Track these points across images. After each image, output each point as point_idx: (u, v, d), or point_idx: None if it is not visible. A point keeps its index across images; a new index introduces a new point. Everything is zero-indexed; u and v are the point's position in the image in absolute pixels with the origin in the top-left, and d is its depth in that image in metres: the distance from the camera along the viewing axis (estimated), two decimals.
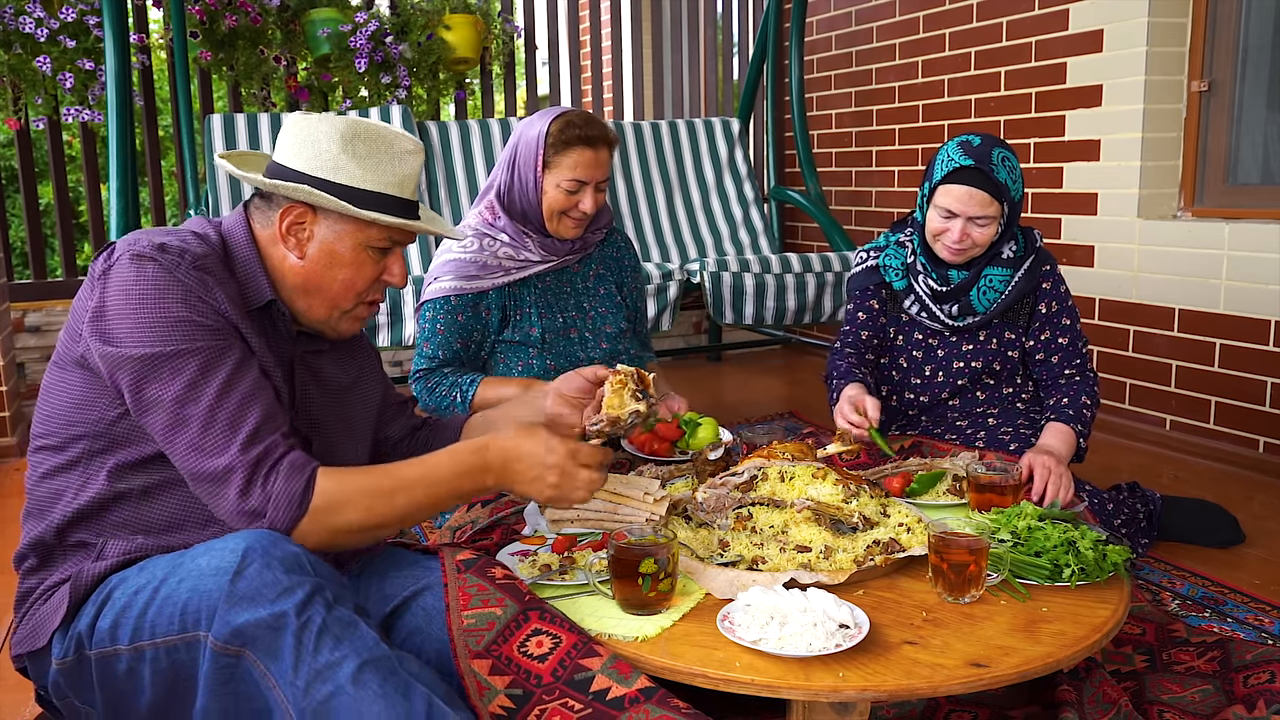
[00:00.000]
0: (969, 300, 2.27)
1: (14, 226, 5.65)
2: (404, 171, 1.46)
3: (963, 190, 2.13)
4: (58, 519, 1.37)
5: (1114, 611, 1.45)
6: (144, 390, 1.29)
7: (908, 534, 1.64)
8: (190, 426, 1.28)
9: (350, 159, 1.41)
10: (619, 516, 1.65)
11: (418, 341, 2.27)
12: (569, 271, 2.36)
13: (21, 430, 3.64)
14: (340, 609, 1.20)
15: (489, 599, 1.37)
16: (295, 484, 1.29)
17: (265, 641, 1.17)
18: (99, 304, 1.30)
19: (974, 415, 2.38)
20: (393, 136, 1.45)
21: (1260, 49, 3.28)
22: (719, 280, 3.42)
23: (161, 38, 4.35)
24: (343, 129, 1.42)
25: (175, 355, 1.28)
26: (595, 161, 2.19)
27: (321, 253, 1.43)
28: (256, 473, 1.28)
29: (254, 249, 1.44)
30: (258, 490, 1.28)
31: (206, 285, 1.34)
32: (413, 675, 1.18)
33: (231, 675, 1.19)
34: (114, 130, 3.24)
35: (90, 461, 1.36)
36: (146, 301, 1.29)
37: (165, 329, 1.29)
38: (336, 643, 1.16)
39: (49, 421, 1.38)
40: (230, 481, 1.28)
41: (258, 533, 1.24)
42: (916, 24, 4.37)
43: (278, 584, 1.18)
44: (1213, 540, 2.51)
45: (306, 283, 1.44)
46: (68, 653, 1.31)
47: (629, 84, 5.54)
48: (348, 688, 1.14)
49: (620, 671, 1.28)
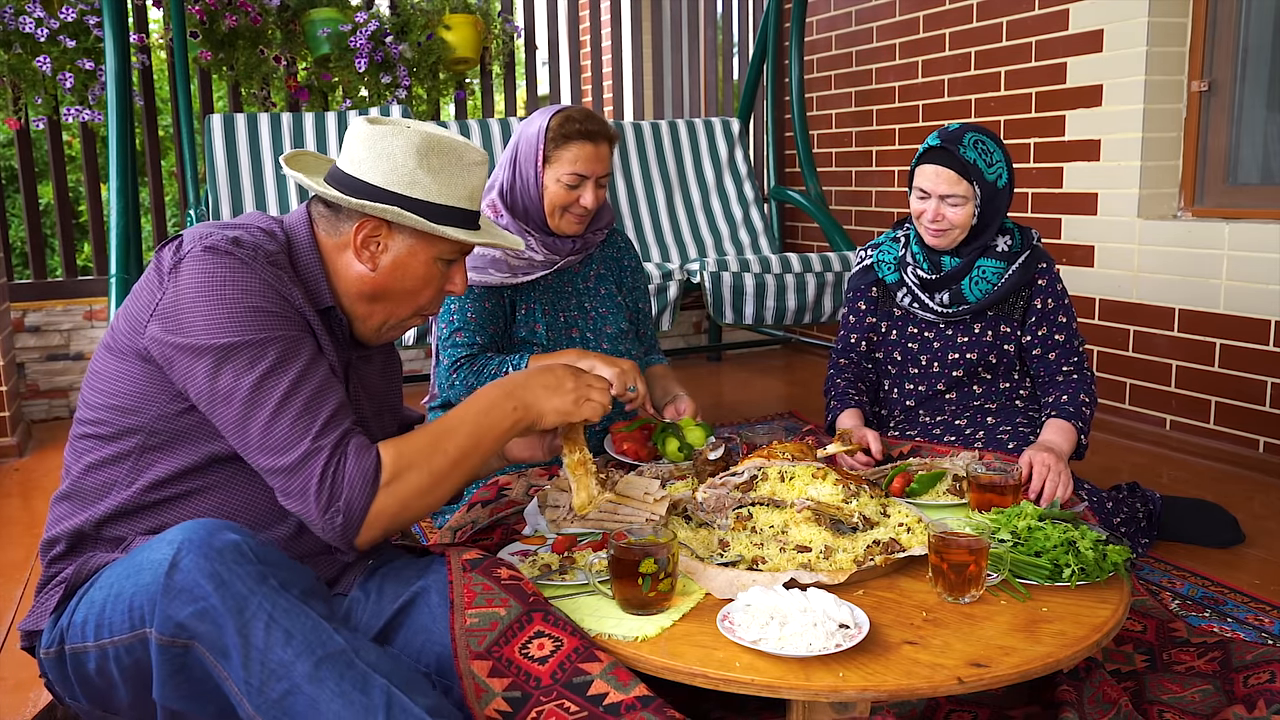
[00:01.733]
0: (960, 290, 2.30)
1: (14, 226, 5.65)
2: (474, 183, 1.49)
3: (931, 169, 2.23)
4: (101, 511, 1.37)
5: (1114, 611, 1.45)
6: (219, 379, 1.29)
7: (908, 534, 1.65)
8: (264, 417, 1.29)
9: (426, 174, 1.43)
10: (619, 516, 1.65)
11: (446, 335, 2.24)
12: (570, 272, 2.37)
13: (22, 430, 3.64)
14: (287, 597, 1.18)
15: (493, 598, 1.37)
16: (366, 462, 1.31)
17: (210, 636, 1.16)
18: (173, 298, 1.30)
19: (971, 410, 2.39)
20: (463, 148, 1.47)
21: (1260, 49, 3.28)
22: (719, 280, 3.42)
23: (161, 38, 4.35)
24: (418, 143, 1.43)
25: (252, 345, 1.29)
26: (595, 156, 2.19)
27: (394, 265, 1.45)
28: (331, 459, 1.30)
29: (317, 254, 1.45)
30: (331, 476, 1.29)
31: (282, 280, 1.35)
32: (370, 665, 1.17)
33: (183, 664, 1.18)
34: (114, 130, 3.24)
35: (142, 457, 1.36)
36: (224, 293, 1.29)
37: (243, 319, 1.29)
38: (288, 637, 1.15)
39: (102, 409, 1.37)
40: (306, 472, 1.29)
41: (195, 524, 1.23)
42: (916, 24, 4.37)
43: (215, 576, 1.17)
44: (1213, 540, 2.51)
45: (375, 292, 1.46)
46: (53, 644, 1.32)
47: (629, 84, 5.54)
48: (304, 686, 1.14)
49: (619, 678, 1.28)
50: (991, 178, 2.22)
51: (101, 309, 4.13)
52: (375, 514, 1.32)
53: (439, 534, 1.94)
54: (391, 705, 1.15)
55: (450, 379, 2.20)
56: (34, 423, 4.02)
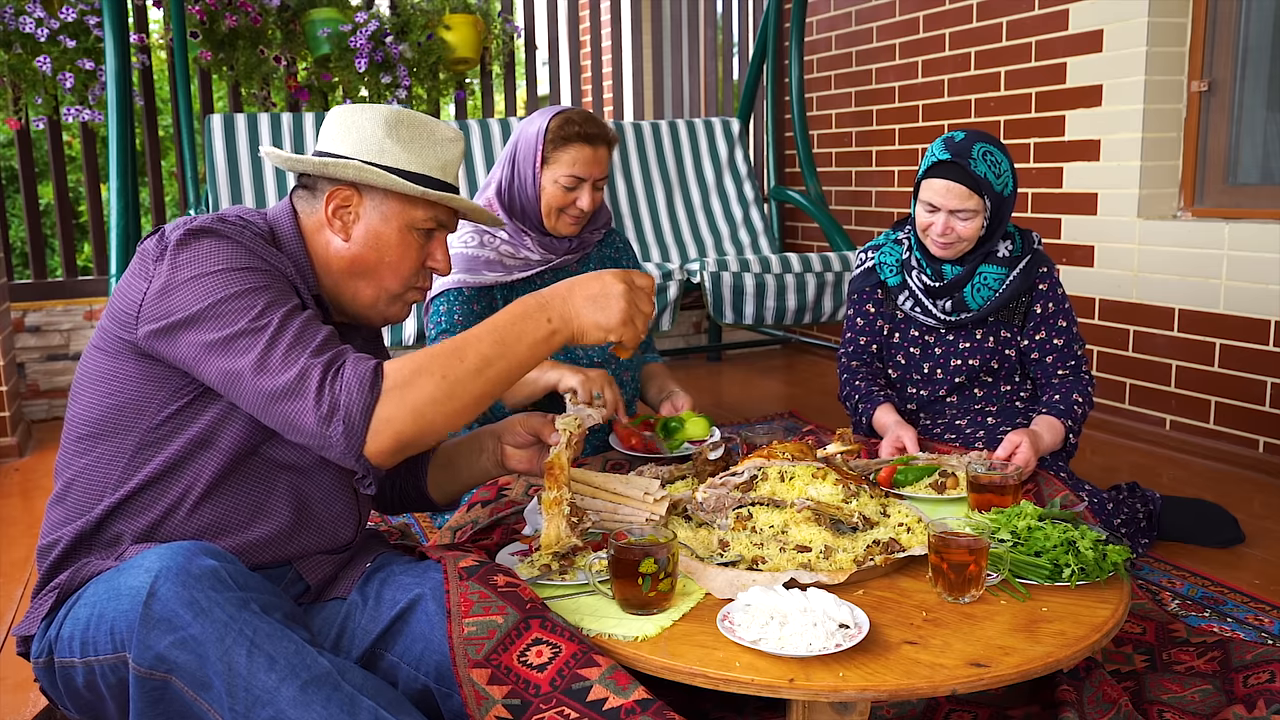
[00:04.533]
0: (962, 297, 2.30)
1: (14, 226, 5.65)
2: (446, 156, 1.49)
3: (941, 184, 2.19)
4: (96, 514, 1.35)
5: (1114, 611, 1.45)
6: (211, 332, 1.27)
7: (908, 534, 1.65)
8: (259, 348, 1.25)
9: (394, 143, 1.44)
10: (619, 516, 1.65)
11: (433, 335, 2.24)
12: (568, 271, 2.37)
13: (22, 430, 3.64)
14: (268, 621, 1.16)
15: (490, 606, 1.36)
16: (363, 367, 1.26)
17: (190, 668, 1.13)
18: (162, 282, 1.29)
19: (973, 413, 2.39)
20: (435, 124, 1.49)
21: (1260, 49, 3.28)
22: (719, 280, 3.42)
23: (161, 38, 4.35)
24: (387, 115, 1.45)
25: (241, 294, 1.28)
26: (594, 159, 2.20)
27: (367, 235, 1.45)
28: (328, 371, 1.25)
29: (299, 238, 1.46)
30: (329, 387, 1.24)
31: (270, 251, 1.36)
32: (356, 687, 1.15)
33: (161, 697, 1.16)
34: (114, 130, 3.24)
35: (136, 456, 1.35)
36: (211, 264, 1.29)
37: (231, 278, 1.29)
38: (271, 663, 1.13)
39: (94, 409, 1.36)
40: (304, 389, 1.24)
41: (171, 549, 1.20)
42: (916, 24, 4.37)
43: (194, 604, 1.14)
44: (1213, 540, 2.51)
45: (353, 266, 1.46)
46: (42, 654, 1.31)
47: (629, 84, 5.54)
48: (289, 711, 1.11)
49: (618, 682, 1.27)
50: (1000, 188, 2.20)
51: (101, 309, 4.13)
52: (382, 420, 1.25)
53: (439, 534, 1.94)
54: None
55: None
56: (34, 423, 4.02)
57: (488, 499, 1.95)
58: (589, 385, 2.00)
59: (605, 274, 1.38)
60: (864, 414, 2.35)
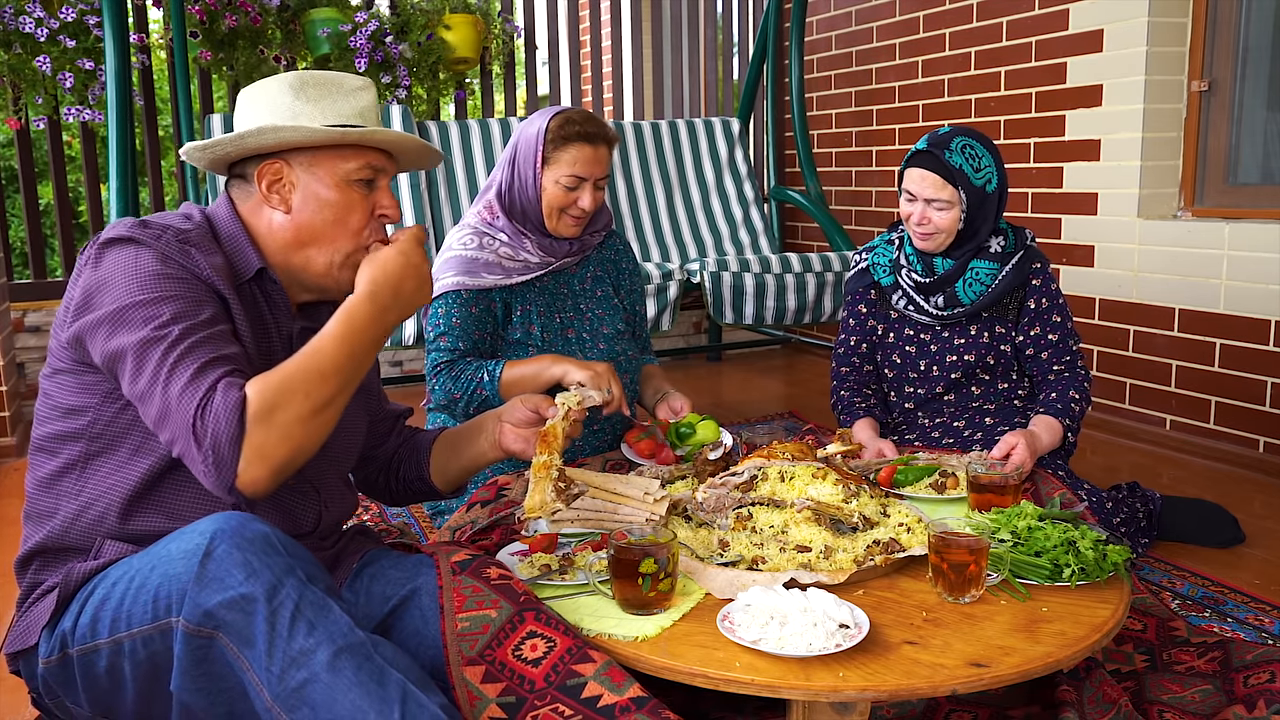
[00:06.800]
0: (954, 292, 2.31)
1: (14, 226, 5.65)
2: (359, 104, 1.48)
3: (917, 173, 2.24)
4: (59, 524, 1.37)
5: (1114, 611, 1.45)
6: (113, 340, 1.28)
7: (908, 534, 1.65)
8: (150, 369, 1.26)
9: (305, 102, 1.44)
10: (619, 516, 1.65)
11: (431, 337, 2.24)
12: (567, 273, 2.36)
13: (21, 430, 3.64)
14: (313, 590, 1.19)
15: (483, 601, 1.36)
16: (230, 397, 1.24)
17: (237, 625, 1.17)
18: (81, 289, 1.32)
19: (970, 411, 2.40)
20: (341, 77, 1.48)
21: (1260, 49, 3.28)
22: (719, 280, 3.42)
23: (161, 38, 4.34)
24: (290, 80, 1.45)
25: (145, 304, 1.28)
26: (594, 158, 2.19)
27: (306, 199, 1.44)
28: (203, 400, 1.24)
29: (238, 223, 1.45)
30: (200, 417, 1.23)
31: (187, 254, 1.35)
32: (387, 660, 1.18)
33: (205, 656, 1.19)
34: (114, 130, 3.24)
35: (86, 465, 1.37)
36: (122, 270, 1.30)
37: (140, 284, 1.29)
38: (310, 628, 1.16)
39: (46, 421, 1.39)
40: (180, 416, 1.24)
41: (226, 515, 1.23)
42: (916, 24, 4.37)
43: (247, 565, 1.17)
44: (1213, 540, 2.51)
45: (299, 234, 1.45)
46: (53, 652, 1.31)
47: (629, 84, 5.54)
48: (322, 674, 1.14)
49: (613, 679, 1.27)
50: (979, 183, 2.22)
51: None
52: (254, 450, 1.23)
53: (438, 534, 1.95)
54: (407, 699, 1.15)
55: (432, 383, 2.22)
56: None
57: (487, 499, 1.95)
58: (597, 380, 2.01)
59: (406, 251, 1.41)
60: (844, 425, 2.39)
